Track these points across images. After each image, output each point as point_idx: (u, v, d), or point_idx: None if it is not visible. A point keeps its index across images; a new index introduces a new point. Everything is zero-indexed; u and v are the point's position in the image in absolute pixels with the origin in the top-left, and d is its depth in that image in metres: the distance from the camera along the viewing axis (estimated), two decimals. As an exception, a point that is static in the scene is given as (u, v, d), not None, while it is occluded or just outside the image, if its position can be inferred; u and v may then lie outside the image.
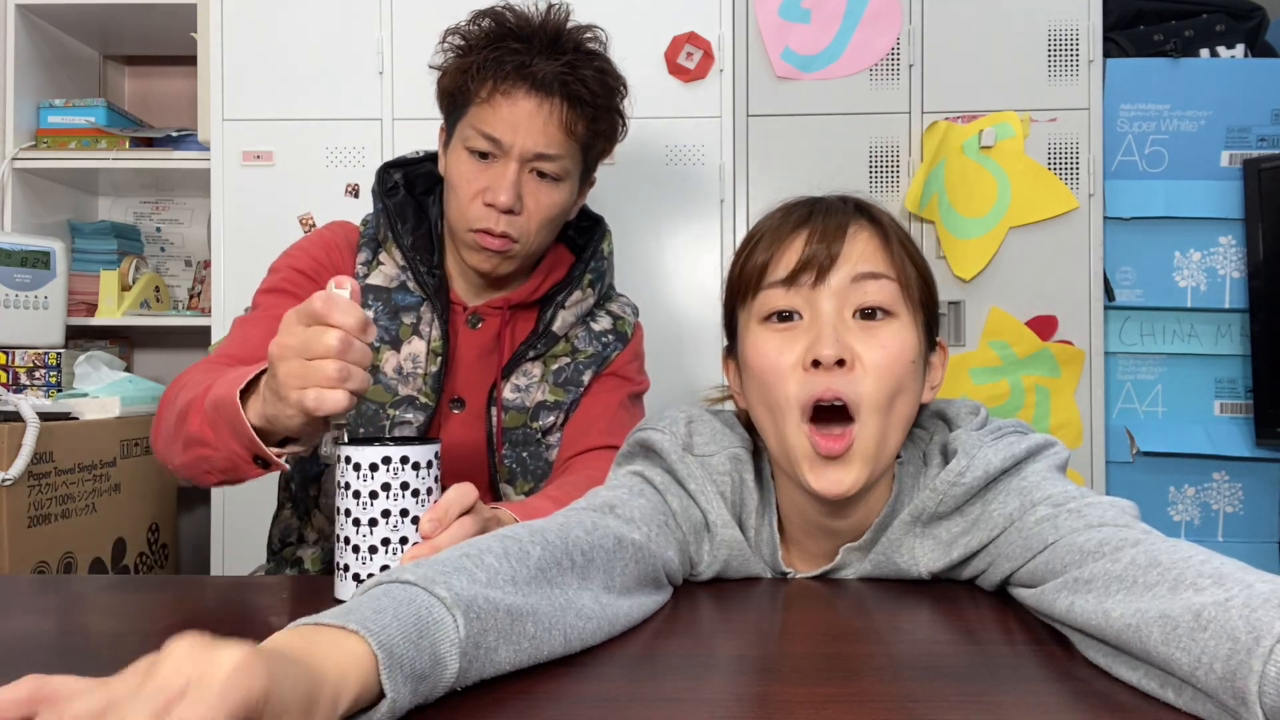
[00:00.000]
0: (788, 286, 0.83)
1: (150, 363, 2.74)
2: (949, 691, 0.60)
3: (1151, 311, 2.18)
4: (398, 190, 1.26)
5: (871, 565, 0.88)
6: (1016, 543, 0.78)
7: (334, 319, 0.80)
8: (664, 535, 0.83)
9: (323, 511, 1.27)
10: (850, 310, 0.82)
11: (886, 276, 0.82)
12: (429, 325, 1.21)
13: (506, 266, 1.19)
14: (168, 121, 2.70)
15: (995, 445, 0.83)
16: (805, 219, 0.85)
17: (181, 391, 1.01)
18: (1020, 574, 0.78)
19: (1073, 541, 0.71)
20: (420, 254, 1.22)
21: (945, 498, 0.83)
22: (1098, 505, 0.75)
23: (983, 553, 0.83)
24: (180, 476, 1.05)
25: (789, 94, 2.16)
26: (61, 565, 1.85)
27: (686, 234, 2.11)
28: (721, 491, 0.89)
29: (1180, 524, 2.17)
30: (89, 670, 0.66)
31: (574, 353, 1.26)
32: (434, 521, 0.83)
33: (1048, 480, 0.81)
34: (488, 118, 1.12)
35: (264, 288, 1.22)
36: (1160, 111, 2.16)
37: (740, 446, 0.91)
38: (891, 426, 0.82)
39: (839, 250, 0.82)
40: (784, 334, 0.83)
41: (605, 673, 0.66)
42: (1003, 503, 0.81)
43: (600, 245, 1.29)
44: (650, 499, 0.85)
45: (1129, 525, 0.71)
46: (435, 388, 1.19)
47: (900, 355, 0.81)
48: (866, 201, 0.89)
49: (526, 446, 1.22)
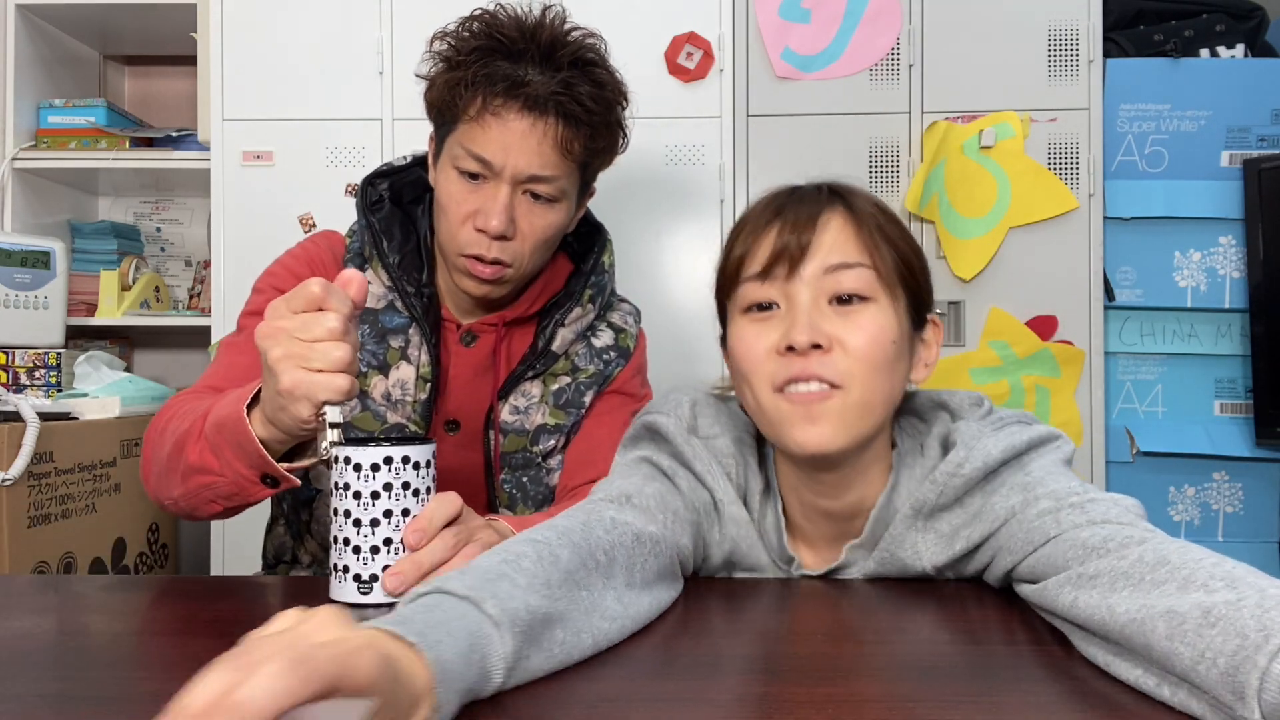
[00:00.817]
0: (763, 279, 0.84)
1: (150, 363, 2.74)
2: (949, 692, 0.60)
3: (1151, 311, 2.18)
4: (383, 204, 1.18)
5: (876, 563, 0.88)
6: (1018, 535, 0.78)
7: (331, 304, 0.79)
8: (678, 523, 0.84)
9: (314, 537, 1.23)
10: (826, 298, 0.83)
11: (860, 264, 0.83)
12: (417, 349, 1.15)
13: (500, 291, 1.13)
14: (168, 121, 2.70)
15: (996, 436, 0.84)
16: (779, 211, 0.86)
17: (174, 423, 0.97)
18: (1021, 568, 0.78)
19: (1076, 537, 0.72)
20: (408, 273, 1.15)
21: (945, 489, 0.84)
22: (1101, 502, 0.76)
23: (985, 546, 0.83)
24: (175, 511, 0.99)
25: (789, 94, 2.16)
26: (61, 565, 1.85)
27: (686, 234, 2.11)
28: (727, 472, 0.90)
29: (1180, 524, 2.17)
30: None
31: (575, 371, 1.19)
32: (418, 533, 0.82)
33: (1051, 475, 0.81)
34: (477, 137, 1.05)
35: (248, 309, 1.17)
36: (1160, 111, 2.16)
37: (744, 431, 0.93)
38: (875, 398, 0.82)
39: (809, 240, 0.83)
40: (762, 323, 0.85)
41: (608, 673, 0.66)
42: (1005, 495, 0.81)
43: (601, 258, 1.22)
44: (661, 485, 0.87)
45: (1133, 524, 0.72)
46: (425, 415, 1.14)
47: (879, 337, 0.82)
48: (845, 187, 0.89)
49: (526, 470, 1.17)
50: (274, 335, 0.79)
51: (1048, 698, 0.60)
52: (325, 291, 0.79)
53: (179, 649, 0.69)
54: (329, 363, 0.78)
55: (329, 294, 0.79)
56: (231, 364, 1.09)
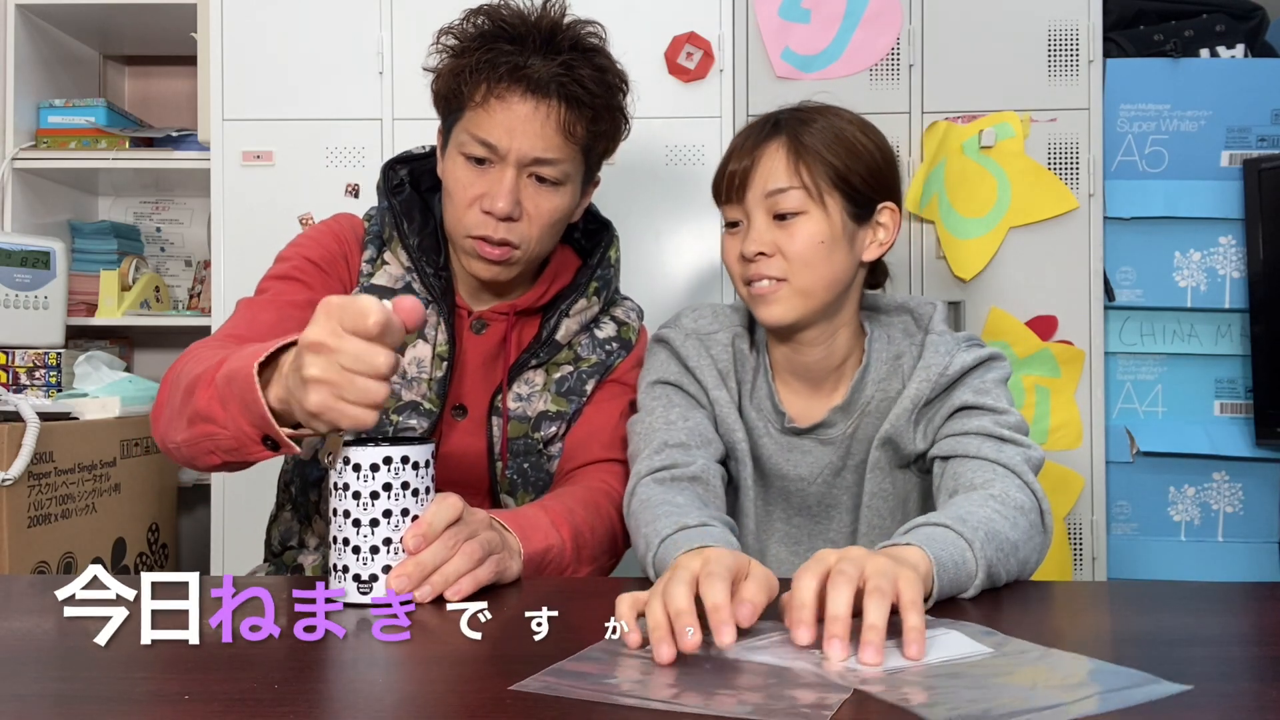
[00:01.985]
0: (727, 203, 1.11)
1: (150, 363, 2.74)
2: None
3: (1151, 311, 2.18)
4: (404, 187, 1.21)
5: (858, 431, 1.15)
6: (948, 418, 1.09)
7: (387, 342, 0.76)
8: (706, 449, 1.10)
9: (323, 517, 1.23)
10: (770, 214, 1.08)
11: (790, 188, 1.07)
12: (435, 329, 1.17)
13: (508, 273, 1.15)
14: (168, 121, 2.70)
15: (967, 352, 1.11)
16: (738, 145, 1.11)
17: (188, 365, 0.96)
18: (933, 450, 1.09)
19: (963, 470, 1.03)
20: (426, 254, 1.18)
21: (935, 386, 1.10)
22: (998, 459, 1.02)
23: (931, 406, 1.10)
24: (178, 457, 0.98)
25: (789, 94, 2.13)
26: (61, 565, 1.85)
27: (686, 234, 2.11)
28: (719, 368, 1.16)
29: (1180, 524, 2.17)
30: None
31: (577, 360, 1.22)
32: (419, 537, 0.83)
33: (993, 392, 1.08)
34: (482, 122, 1.09)
35: (273, 274, 1.18)
36: (1160, 111, 2.16)
37: (739, 325, 1.19)
38: (814, 284, 1.08)
39: (749, 168, 1.08)
40: (733, 236, 1.12)
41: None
42: (959, 394, 1.10)
43: (608, 252, 1.25)
44: (679, 404, 1.13)
45: (1001, 478, 0.99)
46: (440, 393, 1.16)
47: (809, 241, 1.07)
48: (801, 112, 1.13)
49: (528, 457, 1.19)
50: (319, 351, 0.76)
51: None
52: (381, 328, 0.75)
53: (179, 649, 0.69)
54: (364, 399, 0.76)
55: (386, 331, 0.76)
56: (254, 319, 1.09)
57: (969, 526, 0.87)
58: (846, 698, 0.59)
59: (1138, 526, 2.18)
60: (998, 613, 0.80)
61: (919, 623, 0.67)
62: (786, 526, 1.18)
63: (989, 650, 0.67)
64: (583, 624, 0.83)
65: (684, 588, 0.68)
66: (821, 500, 1.17)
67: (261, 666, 0.66)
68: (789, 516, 1.18)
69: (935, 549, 0.81)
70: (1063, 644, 0.70)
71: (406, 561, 0.83)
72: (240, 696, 0.61)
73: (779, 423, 1.15)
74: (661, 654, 0.65)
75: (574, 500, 1.09)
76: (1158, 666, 0.64)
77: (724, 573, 0.70)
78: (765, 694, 0.60)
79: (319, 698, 0.63)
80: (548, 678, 0.62)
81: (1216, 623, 0.82)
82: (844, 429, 1.14)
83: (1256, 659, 0.74)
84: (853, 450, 1.15)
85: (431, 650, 0.74)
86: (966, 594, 0.85)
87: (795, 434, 1.15)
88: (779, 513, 1.18)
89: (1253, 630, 0.83)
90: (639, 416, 1.15)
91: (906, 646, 0.66)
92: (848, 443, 1.15)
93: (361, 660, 0.70)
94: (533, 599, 0.89)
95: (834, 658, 0.65)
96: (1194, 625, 0.79)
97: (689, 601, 0.68)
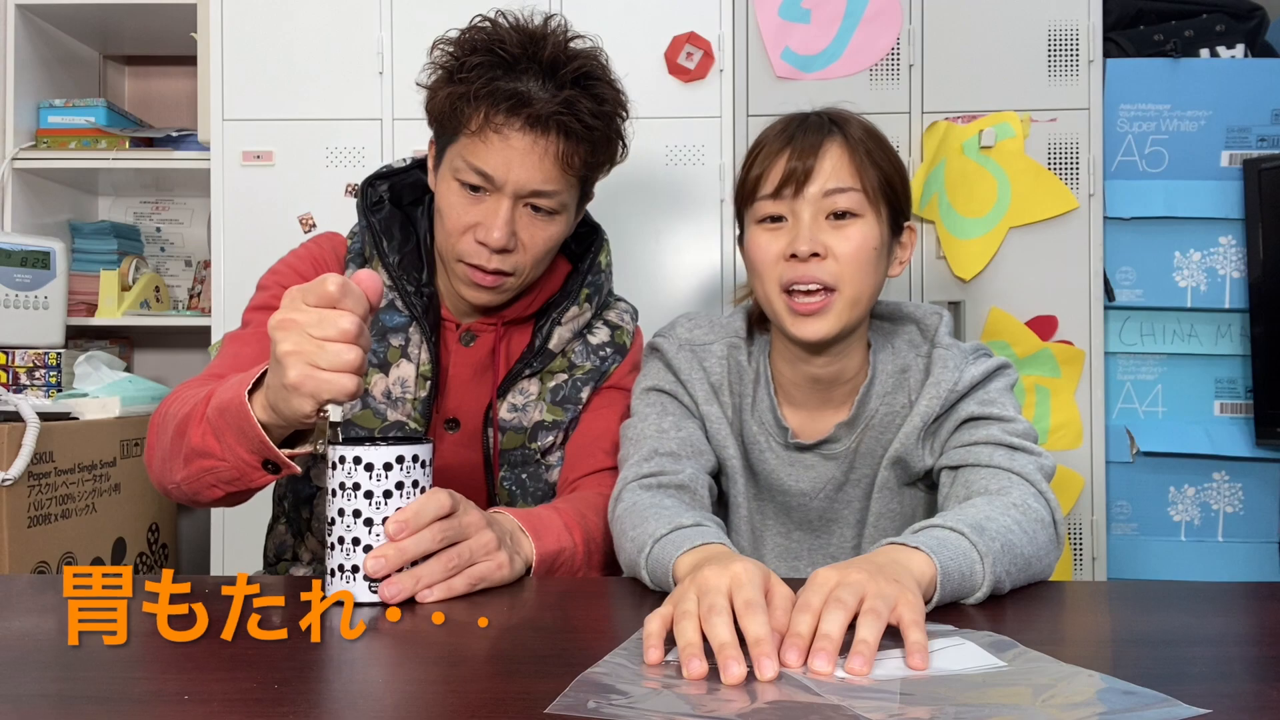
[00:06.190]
0: (775, 197, 1.04)
1: (150, 363, 2.74)
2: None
3: (1151, 311, 2.18)
4: (383, 205, 1.19)
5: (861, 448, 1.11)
6: (955, 430, 1.07)
7: (347, 304, 0.79)
8: (696, 460, 1.08)
9: (314, 535, 1.23)
10: (824, 214, 1.03)
11: (853, 189, 1.03)
12: (417, 348, 1.16)
13: (501, 299, 1.14)
14: (168, 121, 2.70)
15: (976, 365, 1.08)
16: (789, 139, 1.05)
17: (176, 407, 0.98)
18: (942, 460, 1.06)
19: (975, 478, 1.01)
20: (408, 272, 1.16)
21: (945, 403, 1.07)
22: (1011, 467, 1.00)
23: (938, 421, 1.08)
24: (179, 496, 0.99)
25: (789, 94, 2.15)
26: (61, 565, 1.85)
27: (686, 234, 2.11)
28: (712, 381, 1.13)
29: (1180, 524, 2.17)
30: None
31: (571, 368, 1.21)
32: (400, 524, 0.82)
33: (1000, 401, 1.06)
34: (479, 151, 1.06)
35: (254, 305, 1.18)
36: (1160, 111, 2.16)
37: (735, 335, 1.16)
38: (862, 293, 1.04)
39: (813, 166, 1.03)
40: (773, 232, 1.05)
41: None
42: (968, 406, 1.07)
43: (598, 258, 1.24)
44: (673, 413, 1.11)
45: (1016, 485, 0.97)
46: (425, 413, 1.15)
47: (864, 245, 1.03)
48: (843, 115, 1.08)
49: (525, 468, 1.19)
50: (287, 327, 0.79)
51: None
52: (342, 291, 0.79)
53: (179, 649, 0.69)
54: (338, 363, 0.78)
55: (346, 294, 0.79)
56: (237, 354, 1.10)
57: (986, 537, 0.84)
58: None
59: (1138, 526, 2.18)
60: (999, 613, 0.80)
61: (921, 638, 0.66)
62: (785, 541, 1.16)
63: (1001, 664, 0.66)
64: (583, 624, 0.83)
65: (724, 617, 0.66)
66: (823, 515, 1.14)
67: (261, 666, 0.66)
68: (787, 531, 1.15)
69: (943, 556, 0.80)
70: (1063, 644, 0.70)
71: (386, 545, 0.82)
72: (240, 696, 0.61)
73: (781, 437, 1.12)
74: (693, 669, 0.63)
75: (586, 505, 1.09)
76: (1157, 667, 0.64)
77: (759, 598, 0.69)
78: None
79: (319, 698, 0.63)
80: (580, 694, 0.59)
81: (1216, 623, 0.81)
82: (848, 444, 1.11)
83: (1257, 659, 0.74)
84: (856, 465, 1.12)
85: (432, 650, 0.74)
86: (968, 602, 0.84)
87: (799, 449, 1.12)
88: (776, 526, 1.16)
89: (1253, 630, 0.83)
90: (631, 422, 1.12)
91: (910, 658, 0.65)
92: (851, 457, 1.12)
93: (361, 660, 0.70)
94: (537, 598, 0.90)
95: (820, 671, 0.64)
96: (1194, 625, 0.79)
97: (730, 633, 0.66)
